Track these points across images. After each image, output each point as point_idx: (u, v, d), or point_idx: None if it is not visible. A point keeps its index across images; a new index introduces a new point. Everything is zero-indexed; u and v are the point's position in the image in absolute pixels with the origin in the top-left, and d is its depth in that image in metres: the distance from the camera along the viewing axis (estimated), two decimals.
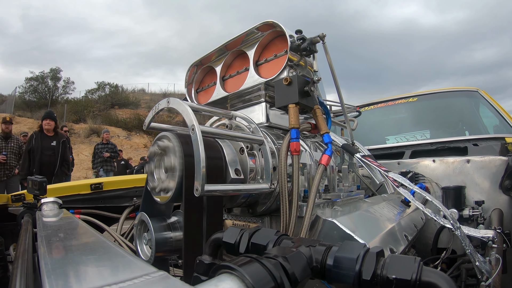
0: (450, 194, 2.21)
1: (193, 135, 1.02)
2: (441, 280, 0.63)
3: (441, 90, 3.65)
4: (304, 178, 1.46)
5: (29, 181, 1.81)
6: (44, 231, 1.14)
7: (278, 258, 0.65)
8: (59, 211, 1.62)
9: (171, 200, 1.13)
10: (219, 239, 0.91)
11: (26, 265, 0.90)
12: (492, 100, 3.25)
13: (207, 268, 0.86)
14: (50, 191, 1.97)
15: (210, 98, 1.80)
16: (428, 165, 2.55)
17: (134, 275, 0.54)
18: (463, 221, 2.04)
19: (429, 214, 1.34)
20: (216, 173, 1.16)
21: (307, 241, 0.80)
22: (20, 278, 0.80)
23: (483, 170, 2.32)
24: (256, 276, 0.58)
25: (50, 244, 0.87)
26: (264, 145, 1.28)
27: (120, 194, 2.44)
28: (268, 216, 1.44)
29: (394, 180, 1.47)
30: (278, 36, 1.60)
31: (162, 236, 1.25)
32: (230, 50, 1.77)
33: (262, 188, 1.23)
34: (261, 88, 1.59)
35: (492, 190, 2.28)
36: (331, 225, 1.13)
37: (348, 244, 0.74)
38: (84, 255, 0.75)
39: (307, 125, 1.52)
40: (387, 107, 3.88)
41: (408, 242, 1.39)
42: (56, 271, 0.60)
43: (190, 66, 1.91)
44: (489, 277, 1.23)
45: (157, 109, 1.25)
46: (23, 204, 1.84)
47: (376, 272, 0.67)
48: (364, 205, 1.56)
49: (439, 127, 3.59)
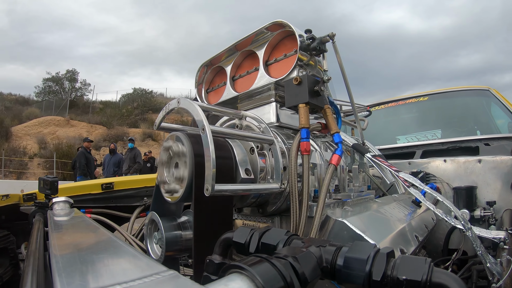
0: (461, 194, 2.19)
1: (203, 135, 1.02)
2: (452, 281, 0.63)
3: (451, 89, 3.62)
4: (314, 178, 1.46)
5: (41, 180, 1.83)
6: (55, 230, 1.16)
7: (288, 258, 0.65)
8: (70, 211, 1.63)
9: (181, 200, 1.13)
10: (229, 238, 0.91)
11: (37, 264, 0.91)
12: (503, 99, 3.21)
13: (217, 268, 0.86)
14: (61, 190, 1.99)
15: (220, 98, 1.81)
16: (439, 165, 2.53)
17: (145, 274, 0.55)
18: (474, 221, 2.02)
19: (440, 214, 1.33)
20: (226, 173, 1.16)
21: (317, 241, 0.79)
22: (32, 276, 0.82)
23: (495, 170, 2.30)
24: (266, 276, 0.58)
25: (61, 243, 0.88)
26: (274, 145, 1.28)
27: (131, 193, 2.46)
28: (278, 216, 1.44)
29: (404, 180, 1.45)
30: (287, 35, 1.60)
31: (172, 235, 1.25)
32: (239, 50, 1.77)
33: (272, 188, 1.23)
34: (271, 88, 1.59)
35: (503, 191, 2.25)
36: (341, 225, 1.12)
37: (358, 245, 0.74)
38: (94, 254, 0.76)
39: (317, 125, 1.52)
40: (397, 107, 3.86)
41: (418, 243, 1.38)
42: (67, 270, 0.60)
43: (200, 66, 1.92)
44: (500, 279, 1.21)
45: (168, 109, 1.25)
46: (35, 204, 1.87)
47: (386, 273, 0.67)
48: (375, 205, 1.56)
49: (450, 127, 3.56)
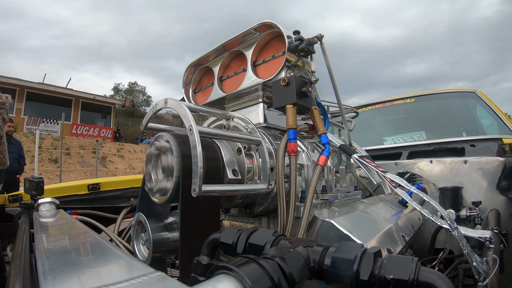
0: (448, 194, 2.22)
1: (191, 135, 1.02)
2: (439, 280, 0.63)
3: (438, 91, 3.67)
4: (301, 179, 1.46)
5: (26, 181, 1.80)
6: (41, 231, 1.14)
7: (275, 258, 0.65)
8: (56, 212, 1.61)
9: (168, 201, 1.13)
10: (216, 239, 0.91)
11: (23, 266, 0.89)
12: (489, 101, 3.26)
13: (205, 269, 0.85)
14: (47, 191, 1.96)
15: (208, 98, 1.80)
16: (426, 166, 2.56)
17: (132, 276, 0.54)
18: (460, 221, 2.05)
19: (427, 214, 1.34)
20: (213, 174, 1.16)
21: (304, 242, 0.80)
22: (17, 278, 0.80)
23: (480, 170, 2.33)
24: (254, 277, 0.58)
25: (47, 245, 0.87)
26: (262, 146, 1.28)
27: (118, 194, 2.43)
28: (266, 216, 1.44)
29: (391, 180, 1.47)
30: (276, 36, 1.61)
31: (159, 236, 1.24)
32: (227, 51, 1.77)
33: (260, 189, 1.23)
34: (258, 88, 1.59)
35: (489, 191, 2.28)
36: (328, 226, 1.13)
37: (345, 245, 0.74)
38: (81, 255, 0.75)
39: (304, 125, 1.52)
40: (384, 108, 3.89)
41: (405, 242, 1.40)
42: (53, 272, 0.59)
43: (187, 67, 1.91)
44: (486, 278, 1.23)
45: (155, 109, 1.25)
46: (20, 205, 1.84)
47: (373, 273, 0.67)
48: (362, 205, 1.57)
49: (436, 128, 3.60)
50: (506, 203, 2.21)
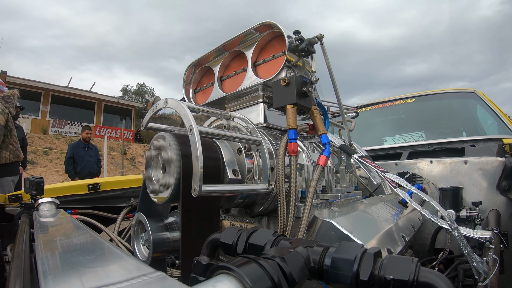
0: (448, 195, 2.22)
1: (191, 135, 1.01)
2: (439, 280, 0.63)
3: (438, 91, 3.66)
4: (301, 179, 1.46)
5: (26, 181, 1.80)
6: (41, 231, 1.14)
7: (275, 258, 0.65)
8: (56, 212, 1.61)
9: (169, 201, 1.12)
10: (216, 239, 0.91)
11: (23, 266, 0.89)
12: (489, 101, 3.26)
13: (205, 269, 0.86)
14: (47, 191, 1.96)
15: (208, 98, 1.80)
16: (426, 166, 2.56)
17: (132, 276, 0.54)
18: (460, 221, 2.05)
19: (427, 215, 1.34)
20: (213, 174, 1.15)
21: (304, 242, 0.80)
22: (17, 278, 0.80)
23: (481, 171, 2.33)
24: (254, 277, 0.58)
25: (47, 245, 0.87)
26: (262, 146, 1.28)
27: (118, 194, 2.43)
28: (266, 216, 1.44)
29: (391, 181, 1.47)
30: (276, 36, 1.61)
31: (159, 236, 1.24)
32: (228, 51, 1.77)
33: (260, 189, 1.23)
34: (259, 88, 1.59)
35: (489, 191, 2.28)
36: (328, 226, 1.13)
37: (345, 245, 0.74)
38: (81, 255, 0.75)
39: (304, 125, 1.52)
40: (384, 108, 3.89)
41: (405, 242, 1.39)
42: (53, 272, 0.59)
43: (188, 66, 1.91)
44: (486, 278, 1.23)
45: (155, 109, 1.24)
46: (20, 204, 1.84)
47: (373, 273, 0.67)
48: (362, 205, 1.57)
49: (436, 128, 3.60)
50: (506, 203, 2.21)
